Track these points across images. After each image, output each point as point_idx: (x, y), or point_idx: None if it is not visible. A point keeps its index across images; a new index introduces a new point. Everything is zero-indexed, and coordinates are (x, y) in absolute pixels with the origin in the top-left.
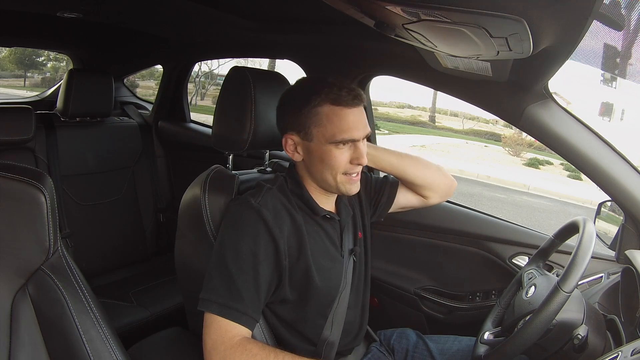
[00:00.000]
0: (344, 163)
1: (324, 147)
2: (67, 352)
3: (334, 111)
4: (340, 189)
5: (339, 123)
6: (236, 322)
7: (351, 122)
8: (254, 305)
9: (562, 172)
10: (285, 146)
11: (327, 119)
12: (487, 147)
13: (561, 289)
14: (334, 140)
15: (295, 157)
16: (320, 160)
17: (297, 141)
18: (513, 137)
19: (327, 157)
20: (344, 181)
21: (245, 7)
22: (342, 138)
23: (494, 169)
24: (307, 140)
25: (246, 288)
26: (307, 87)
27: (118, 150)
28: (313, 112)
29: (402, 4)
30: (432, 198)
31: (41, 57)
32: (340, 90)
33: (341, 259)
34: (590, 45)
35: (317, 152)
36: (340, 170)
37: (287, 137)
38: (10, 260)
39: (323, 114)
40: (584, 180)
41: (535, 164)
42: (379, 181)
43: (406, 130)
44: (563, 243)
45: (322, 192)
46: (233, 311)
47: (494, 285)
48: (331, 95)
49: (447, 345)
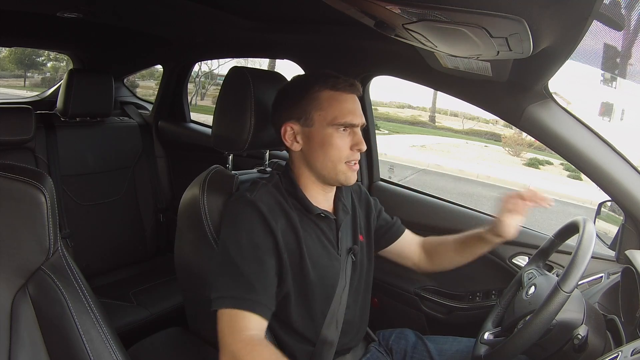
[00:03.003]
0: (345, 149)
1: (325, 130)
2: (67, 352)
3: (334, 96)
4: (340, 178)
5: (339, 106)
6: (251, 311)
7: (350, 107)
8: (267, 293)
9: (562, 172)
10: (284, 135)
11: (328, 103)
12: (487, 147)
13: (561, 289)
14: (335, 123)
15: (294, 146)
16: (321, 146)
17: (296, 129)
18: (513, 137)
19: (328, 141)
20: (344, 170)
21: (245, 7)
22: (343, 121)
23: (494, 169)
24: (307, 127)
25: (256, 278)
26: (305, 78)
27: (118, 150)
28: (313, 97)
29: (402, 4)
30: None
31: (41, 57)
32: (337, 78)
33: (338, 257)
34: (590, 45)
35: (317, 137)
36: (343, 158)
37: (287, 126)
38: (10, 260)
39: (323, 98)
40: (584, 180)
41: (535, 164)
42: (387, 219)
43: (406, 130)
44: (563, 243)
45: (320, 188)
46: (247, 301)
47: (494, 285)
48: (329, 81)
49: (447, 345)
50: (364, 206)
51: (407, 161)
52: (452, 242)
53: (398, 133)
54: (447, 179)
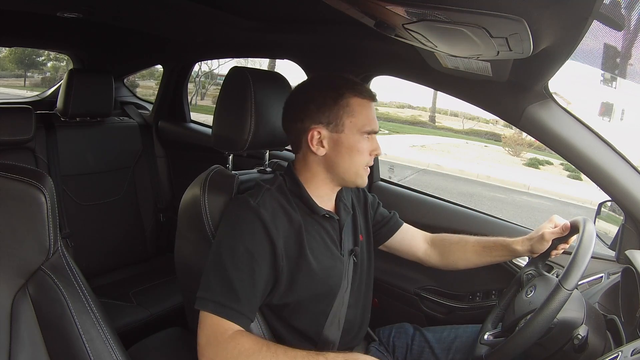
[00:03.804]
0: (366, 154)
1: (355, 136)
2: (67, 352)
3: (362, 103)
4: (357, 181)
5: (367, 114)
6: (231, 321)
7: (373, 114)
8: (250, 305)
9: (561, 172)
10: (311, 140)
11: (358, 110)
12: (487, 147)
13: (563, 287)
14: (365, 130)
15: (319, 151)
16: (349, 151)
17: (324, 134)
18: (513, 137)
19: (356, 147)
20: (362, 173)
21: (245, 7)
22: (371, 128)
23: (494, 169)
24: (337, 132)
25: (242, 287)
26: (333, 82)
27: (118, 150)
28: (344, 103)
29: (402, 4)
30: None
31: (41, 56)
32: (362, 85)
33: (341, 258)
34: (590, 45)
35: (347, 142)
36: (365, 163)
37: (314, 131)
38: (11, 260)
39: (355, 105)
40: (583, 180)
41: (535, 164)
42: (385, 213)
43: (406, 130)
44: (563, 243)
45: (329, 189)
46: (228, 310)
47: (494, 285)
48: (357, 88)
49: (444, 334)
50: (362, 204)
51: (407, 161)
52: (473, 243)
53: (398, 133)
54: (447, 179)
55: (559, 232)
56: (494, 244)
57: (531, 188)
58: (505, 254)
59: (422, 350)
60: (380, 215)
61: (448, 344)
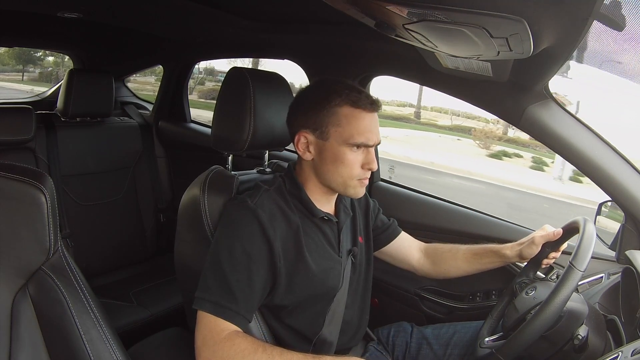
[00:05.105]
0: (356, 167)
1: (339, 147)
2: (68, 352)
3: (353, 113)
4: (349, 192)
5: (357, 125)
6: (228, 321)
7: (367, 126)
8: (247, 305)
9: (525, 164)
10: (297, 144)
11: (346, 120)
12: (460, 141)
13: (575, 267)
14: (350, 142)
15: (305, 155)
16: (333, 161)
17: (310, 140)
18: (483, 131)
19: (340, 158)
20: (353, 185)
21: (245, 7)
22: (358, 141)
23: (447, 158)
24: (322, 140)
25: (239, 287)
26: (327, 87)
27: (118, 150)
28: (332, 111)
29: (402, 4)
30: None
31: (38, 52)
32: (360, 93)
33: (339, 259)
34: (590, 45)
35: (330, 152)
36: (354, 176)
37: (301, 135)
38: (11, 261)
39: (342, 115)
40: (546, 171)
41: (500, 156)
42: (384, 220)
43: (387, 124)
44: (560, 245)
45: (324, 193)
46: (226, 310)
47: (494, 285)
48: (351, 97)
49: (443, 330)
50: (363, 208)
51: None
52: (464, 250)
53: None
54: (384, 163)
55: (549, 236)
56: (483, 251)
57: (473, 174)
58: (495, 260)
59: (420, 347)
60: (380, 222)
61: (446, 340)
